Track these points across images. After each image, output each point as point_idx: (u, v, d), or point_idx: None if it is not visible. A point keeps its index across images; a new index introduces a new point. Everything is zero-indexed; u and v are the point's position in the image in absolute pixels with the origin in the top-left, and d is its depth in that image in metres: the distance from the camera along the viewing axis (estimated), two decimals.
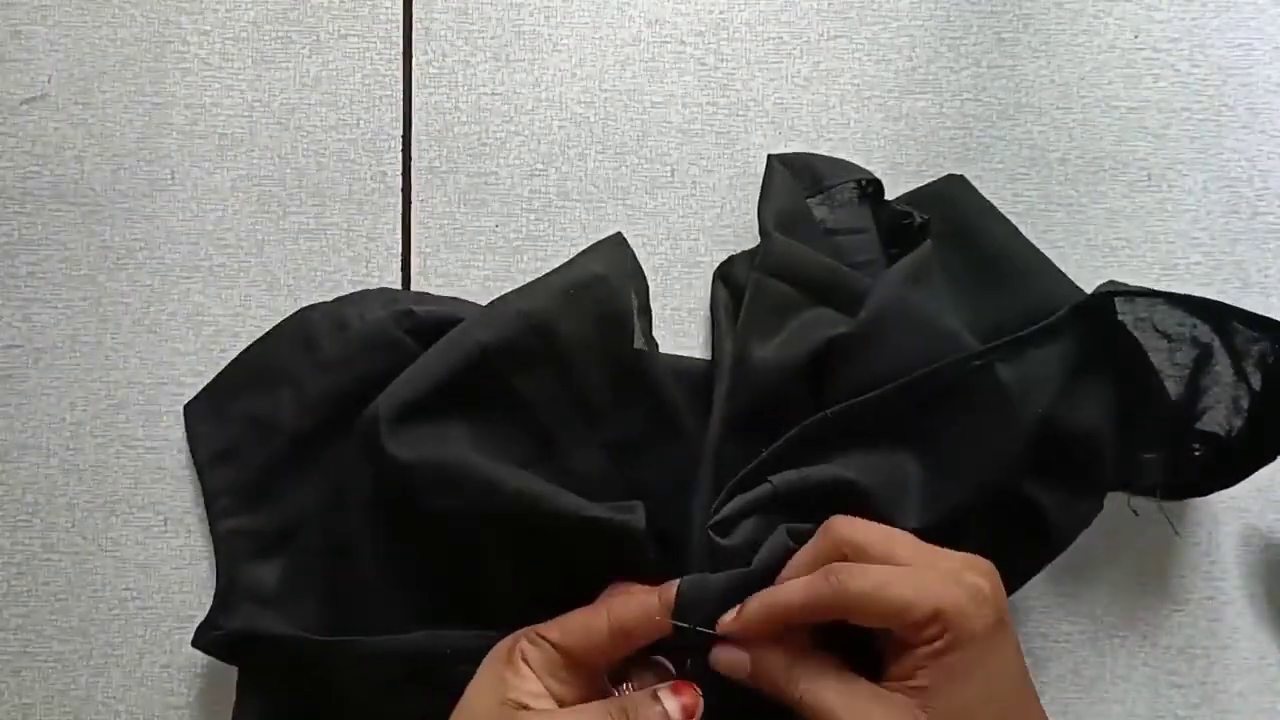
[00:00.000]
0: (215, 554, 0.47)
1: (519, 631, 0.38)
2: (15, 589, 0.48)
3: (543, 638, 0.36)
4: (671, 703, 0.35)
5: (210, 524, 0.47)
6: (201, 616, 0.47)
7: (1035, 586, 0.48)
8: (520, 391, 0.43)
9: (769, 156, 0.49)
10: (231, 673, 0.46)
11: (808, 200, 0.49)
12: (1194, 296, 0.43)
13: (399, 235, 0.51)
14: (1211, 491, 0.47)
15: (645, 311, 0.46)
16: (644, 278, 0.46)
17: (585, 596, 0.41)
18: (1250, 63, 0.54)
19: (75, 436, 0.49)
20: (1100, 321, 0.44)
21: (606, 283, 0.44)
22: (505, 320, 0.43)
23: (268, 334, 0.49)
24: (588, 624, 0.36)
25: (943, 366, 0.41)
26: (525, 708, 0.34)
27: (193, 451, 0.48)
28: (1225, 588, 0.49)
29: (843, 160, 0.51)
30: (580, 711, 0.34)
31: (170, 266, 0.51)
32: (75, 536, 0.48)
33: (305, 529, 0.46)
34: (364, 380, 0.45)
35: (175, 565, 0.48)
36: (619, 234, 0.48)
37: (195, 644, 0.43)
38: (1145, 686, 0.48)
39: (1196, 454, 0.46)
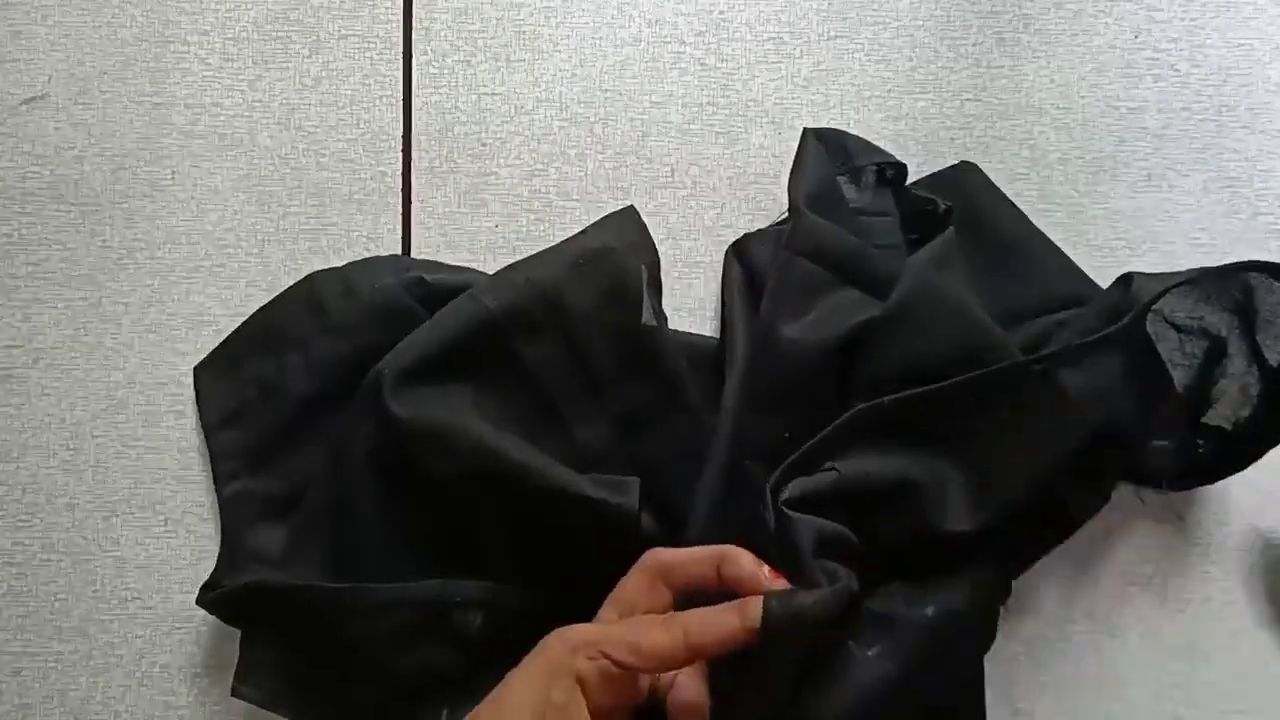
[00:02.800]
0: (220, 516, 0.47)
1: (576, 638, 0.34)
2: (15, 589, 0.48)
3: (608, 657, 0.34)
4: None
5: (215, 486, 0.47)
6: (201, 619, 0.47)
7: (1037, 587, 0.48)
8: (526, 360, 0.43)
9: (805, 130, 0.49)
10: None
11: (836, 177, 0.49)
12: (1227, 265, 0.43)
13: (399, 235, 0.51)
14: (1219, 479, 0.47)
15: (655, 284, 0.46)
16: (655, 251, 0.46)
17: (580, 559, 0.40)
18: (1250, 63, 0.54)
19: (75, 436, 0.49)
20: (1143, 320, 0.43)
21: (616, 254, 0.44)
22: (513, 287, 0.44)
23: (277, 298, 0.49)
24: (665, 649, 0.34)
25: (1005, 367, 0.41)
26: None
27: (200, 413, 0.48)
28: (1225, 588, 0.49)
29: (870, 142, 0.51)
30: None
31: (170, 266, 0.51)
32: (75, 536, 0.48)
33: (311, 492, 0.46)
34: (373, 347, 0.45)
35: (175, 565, 0.48)
36: (631, 206, 0.48)
37: (199, 602, 0.43)
38: (1145, 686, 0.48)
39: (1201, 449, 0.46)
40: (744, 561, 0.36)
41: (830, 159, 0.49)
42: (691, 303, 0.51)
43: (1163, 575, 0.49)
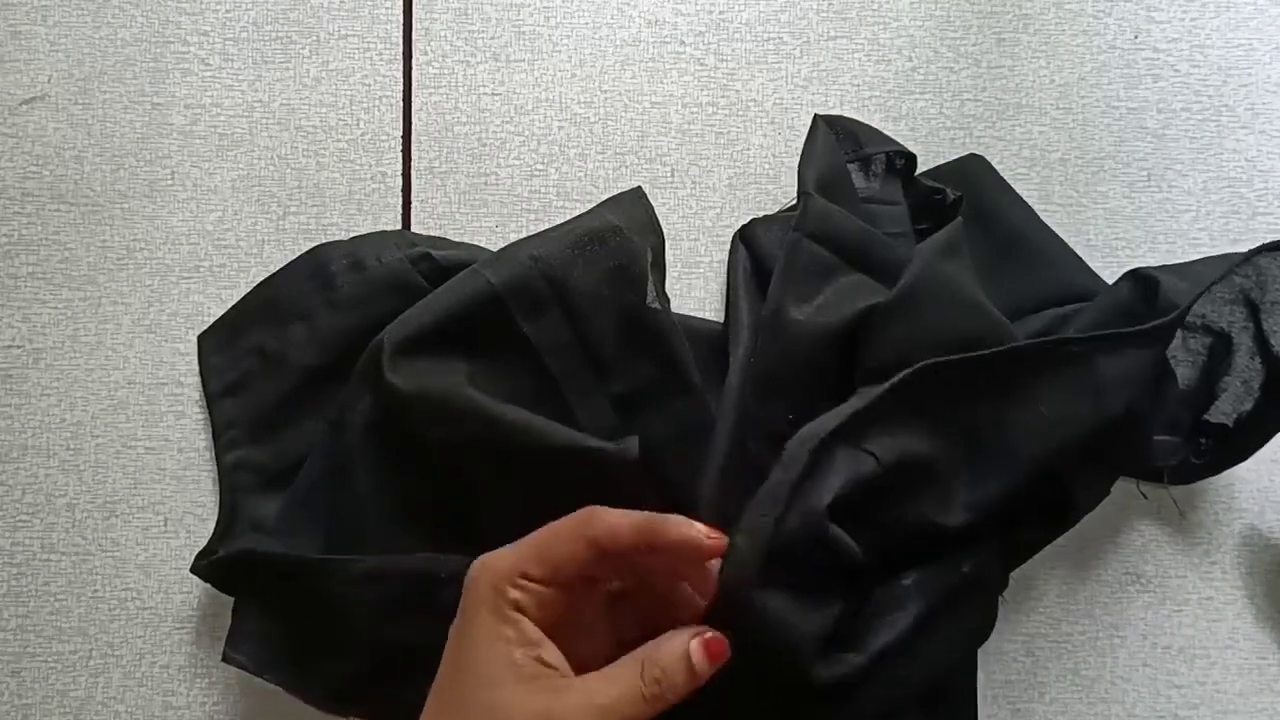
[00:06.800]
0: (219, 485, 0.47)
1: (499, 573, 0.33)
2: (15, 589, 0.48)
3: (529, 578, 0.33)
4: (700, 657, 0.33)
5: (215, 454, 0.48)
6: (201, 619, 0.47)
7: (1036, 587, 0.48)
8: (528, 337, 0.43)
9: (815, 116, 0.49)
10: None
11: (846, 165, 0.49)
12: (1250, 250, 0.43)
13: None
14: (1220, 471, 0.47)
15: (659, 266, 0.46)
16: (660, 233, 0.46)
17: None
18: (1250, 63, 0.54)
19: (75, 436, 0.49)
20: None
21: (621, 235, 0.44)
22: (517, 264, 0.44)
23: (283, 269, 0.49)
24: (575, 557, 0.33)
25: (1046, 343, 0.41)
26: (541, 661, 0.32)
27: (204, 382, 0.49)
28: (1225, 588, 0.49)
29: (880, 131, 0.51)
30: (614, 681, 0.33)
31: (170, 266, 0.51)
32: (75, 536, 0.48)
33: (309, 462, 0.46)
34: (378, 321, 0.45)
35: (175, 565, 0.48)
36: (639, 188, 0.48)
37: (193, 570, 0.44)
38: (1145, 686, 0.48)
39: (1203, 445, 0.46)
40: (672, 527, 0.34)
41: (840, 146, 0.49)
42: (692, 303, 0.51)
43: (1162, 575, 0.49)
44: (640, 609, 0.37)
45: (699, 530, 0.34)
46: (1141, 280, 0.44)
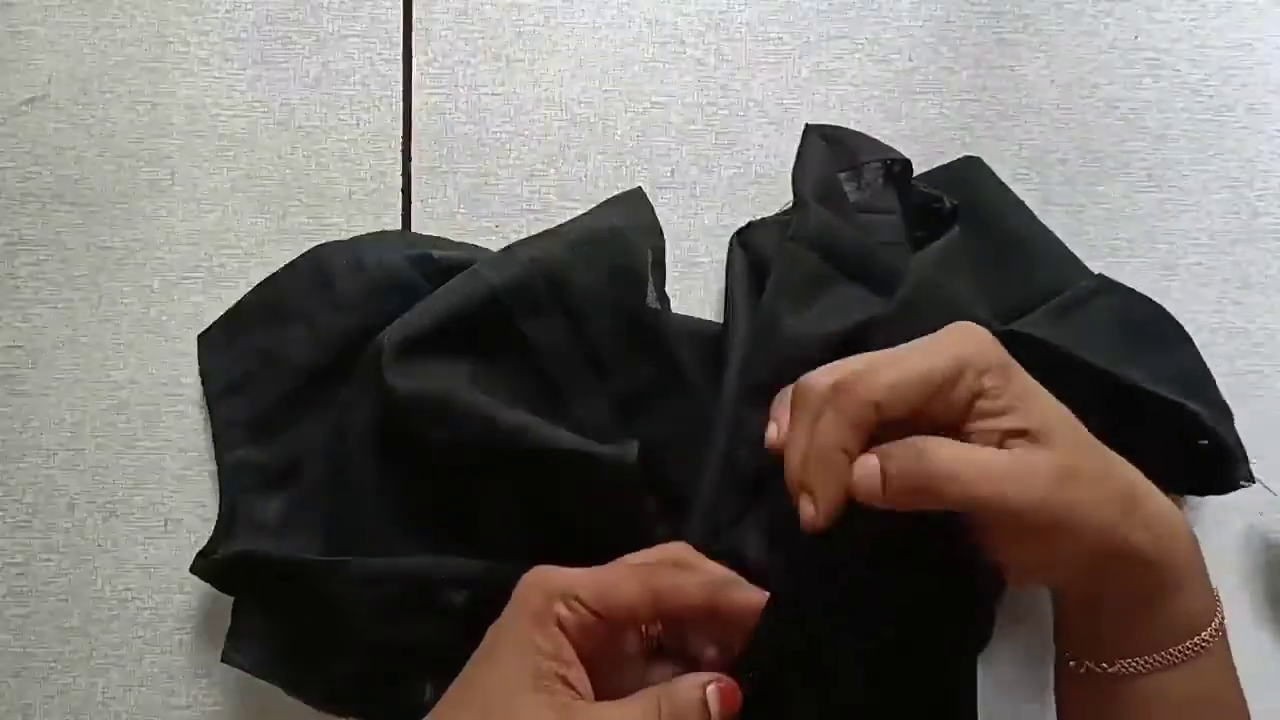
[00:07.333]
0: (219, 485, 0.47)
1: (553, 586, 0.34)
2: (15, 589, 0.48)
3: (583, 605, 0.33)
4: (715, 704, 0.33)
5: (216, 454, 0.48)
6: (201, 619, 0.47)
7: (1036, 587, 0.48)
8: (527, 337, 0.43)
9: (807, 126, 0.49)
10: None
11: (838, 174, 0.49)
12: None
13: None
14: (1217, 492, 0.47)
15: (659, 267, 0.46)
16: (661, 234, 0.46)
17: (582, 529, 0.41)
18: (1250, 63, 0.54)
19: (75, 436, 0.49)
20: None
21: (622, 236, 0.45)
22: (517, 265, 0.44)
23: (283, 269, 0.49)
24: (633, 603, 0.34)
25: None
26: (564, 679, 0.33)
27: (204, 382, 0.49)
28: (1225, 588, 0.49)
29: (874, 139, 0.50)
30: (627, 715, 0.33)
31: (170, 266, 0.51)
32: (75, 536, 0.48)
33: (310, 463, 0.46)
34: (378, 321, 0.45)
35: (175, 565, 0.48)
36: (639, 189, 0.48)
37: (193, 570, 0.44)
38: None
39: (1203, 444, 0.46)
40: (738, 593, 0.35)
41: (833, 156, 0.48)
42: (692, 303, 0.51)
43: None
44: (675, 660, 0.37)
45: (767, 596, 0.35)
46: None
